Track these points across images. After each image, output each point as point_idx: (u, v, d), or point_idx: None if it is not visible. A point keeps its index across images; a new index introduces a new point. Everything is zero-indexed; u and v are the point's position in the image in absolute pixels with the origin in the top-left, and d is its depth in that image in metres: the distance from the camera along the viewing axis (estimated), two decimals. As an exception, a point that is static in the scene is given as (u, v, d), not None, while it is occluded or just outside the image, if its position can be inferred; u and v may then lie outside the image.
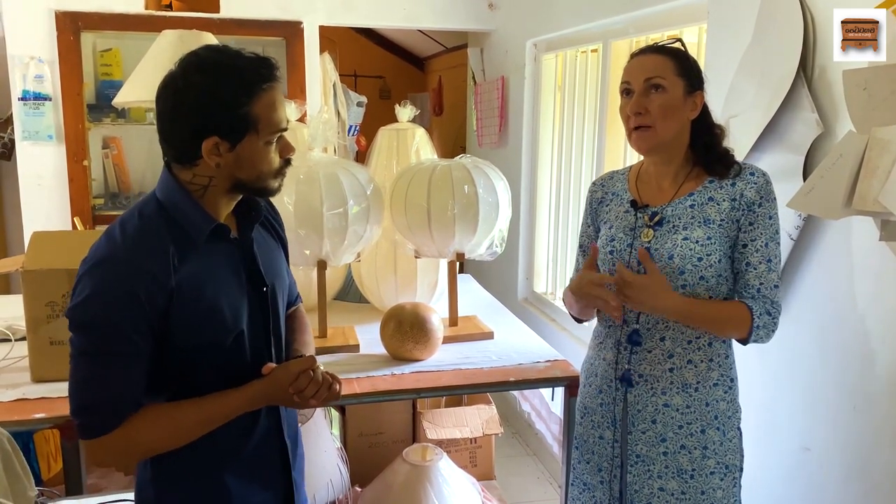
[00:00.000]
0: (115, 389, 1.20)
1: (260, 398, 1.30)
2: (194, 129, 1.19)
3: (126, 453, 1.23)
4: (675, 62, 1.52)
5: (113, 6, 3.52)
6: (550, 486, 3.32)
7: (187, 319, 1.22)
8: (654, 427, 1.56)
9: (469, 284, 2.92)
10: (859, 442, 1.66)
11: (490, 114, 4.15)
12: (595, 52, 3.15)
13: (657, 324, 1.55)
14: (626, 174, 1.70)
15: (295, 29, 3.76)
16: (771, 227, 1.52)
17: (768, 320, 1.50)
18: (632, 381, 1.58)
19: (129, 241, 1.20)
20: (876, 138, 1.40)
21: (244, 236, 1.33)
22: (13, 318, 2.14)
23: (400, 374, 1.96)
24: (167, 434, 1.24)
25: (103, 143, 3.86)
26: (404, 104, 2.41)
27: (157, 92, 1.22)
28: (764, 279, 1.51)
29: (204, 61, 1.20)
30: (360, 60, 6.57)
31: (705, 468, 1.55)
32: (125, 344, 1.18)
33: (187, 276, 1.21)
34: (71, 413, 1.21)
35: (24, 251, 1.97)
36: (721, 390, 1.56)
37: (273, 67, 1.23)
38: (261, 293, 1.33)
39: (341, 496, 2.51)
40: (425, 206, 2.12)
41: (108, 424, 1.19)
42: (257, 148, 1.22)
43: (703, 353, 1.55)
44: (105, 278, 1.17)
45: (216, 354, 1.27)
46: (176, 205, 1.24)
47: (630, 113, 1.53)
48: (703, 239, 1.51)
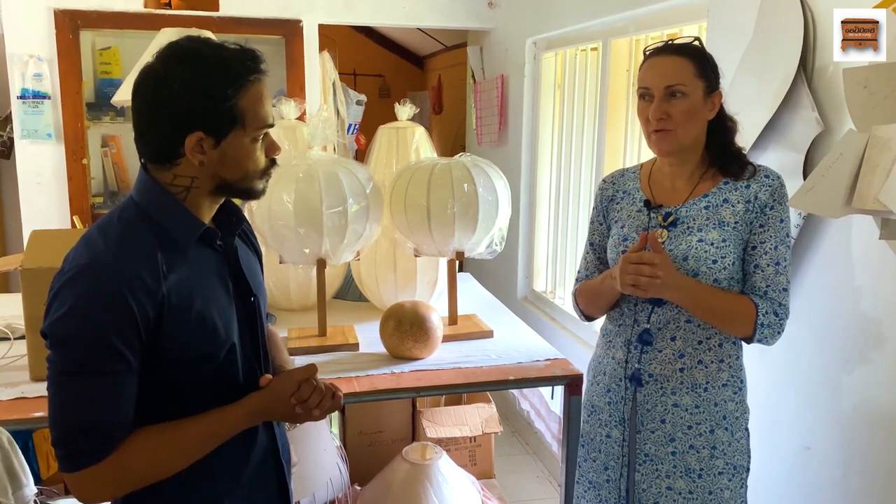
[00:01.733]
0: (106, 411, 1.07)
1: (259, 412, 1.21)
2: (176, 124, 1.09)
3: (119, 483, 1.11)
4: (694, 63, 1.49)
5: (112, 4, 3.51)
6: (550, 484, 3.32)
7: (177, 331, 1.11)
8: (664, 427, 1.56)
9: (469, 283, 2.92)
10: (859, 441, 1.66)
11: (490, 112, 4.15)
12: (595, 50, 3.15)
13: (668, 323, 1.55)
14: (637, 172, 1.68)
15: (294, 27, 3.76)
16: (782, 230, 1.51)
17: (774, 321, 1.49)
18: (641, 380, 1.57)
19: (112, 246, 1.09)
20: (876, 137, 1.40)
21: (227, 244, 1.24)
22: (12, 316, 2.13)
23: (399, 373, 1.96)
24: (163, 458, 1.13)
25: (102, 142, 3.86)
26: (404, 103, 2.41)
27: (134, 86, 1.12)
28: (772, 281, 1.50)
29: (186, 51, 1.11)
30: (360, 59, 6.57)
31: (713, 468, 1.55)
32: (114, 359, 1.06)
33: (176, 284, 1.11)
34: (54, 443, 1.08)
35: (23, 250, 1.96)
36: (731, 391, 1.56)
37: (259, 59, 1.14)
38: (248, 304, 1.26)
39: (341, 495, 2.51)
40: (425, 205, 2.11)
41: (100, 452, 1.07)
42: (243, 145, 1.14)
43: (713, 354, 1.55)
44: (89, 285, 1.05)
45: (208, 370, 1.17)
46: (159, 208, 1.14)
47: (652, 119, 1.50)
48: (718, 241, 1.50)
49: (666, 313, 1.55)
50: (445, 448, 2.64)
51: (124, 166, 3.90)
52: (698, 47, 1.53)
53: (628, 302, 1.60)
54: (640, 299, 1.57)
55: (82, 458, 1.07)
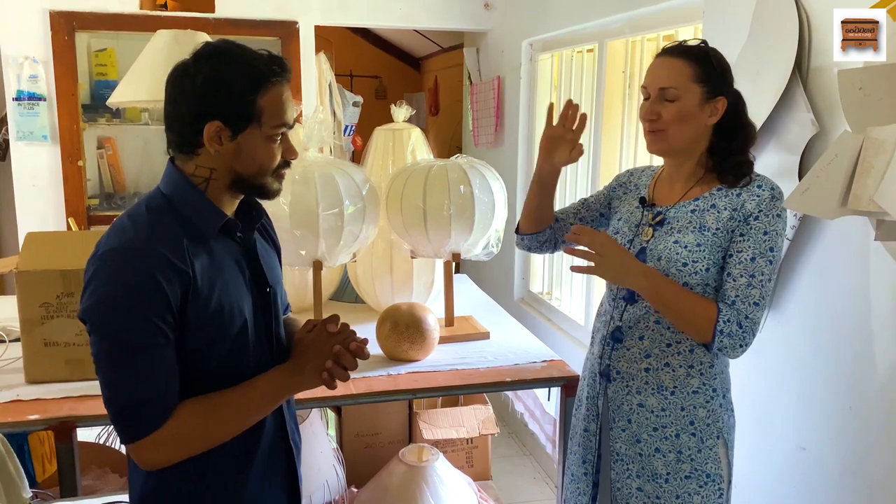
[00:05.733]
0: (154, 383, 1.15)
1: (297, 370, 1.27)
2: (197, 113, 1.17)
3: (177, 448, 1.18)
4: (694, 67, 1.48)
5: (107, 6, 3.51)
6: (546, 485, 3.32)
7: (199, 315, 1.18)
8: (630, 426, 1.58)
9: (465, 284, 2.92)
10: (854, 441, 1.66)
11: (486, 114, 4.15)
12: (591, 52, 3.15)
13: (638, 322, 1.56)
14: (655, 171, 1.70)
15: (290, 29, 3.76)
16: (764, 242, 1.46)
17: (736, 331, 1.44)
18: (610, 376, 1.60)
19: (142, 231, 1.16)
20: (871, 138, 1.40)
21: (247, 236, 1.31)
22: (7, 319, 2.13)
23: (396, 375, 1.95)
24: (213, 421, 1.20)
25: (98, 144, 3.85)
26: (400, 104, 2.41)
27: (167, 79, 1.21)
28: (742, 293, 1.45)
29: (216, 50, 1.20)
30: (356, 60, 6.57)
31: (680, 472, 1.54)
32: (153, 332, 1.13)
33: (200, 269, 1.18)
34: (113, 419, 1.16)
35: (19, 252, 1.96)
36: (702, 398, 1.53)
37: (285, 67, 1.22)
38: (264, 294, 1.31)
39: (337, 497, 2.51)
40: (421, 207, 2.11)
41: (155, 421, 1.15)
42: (259, 141, 1.21)
43: (682, 359, 1.53)
44: (123, 266, 1.13)
45: (220, 356, 1.23)
46: (184, 198, 1.22)
47: (642, 119, 1.54)
48: (692, 245, 1.50)
49: (636, 312, 1.56)
50: (442, 450, 2.64)
51: (120, 168, 3.89)
52: (704, 51, 1.51)
53: (609, 298, 1.64)
54: (619, 296, 1.59)
55: (140, 429, 1.15)
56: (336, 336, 1.29)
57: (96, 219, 3.64)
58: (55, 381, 1.82)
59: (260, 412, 1.26)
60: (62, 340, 1.84)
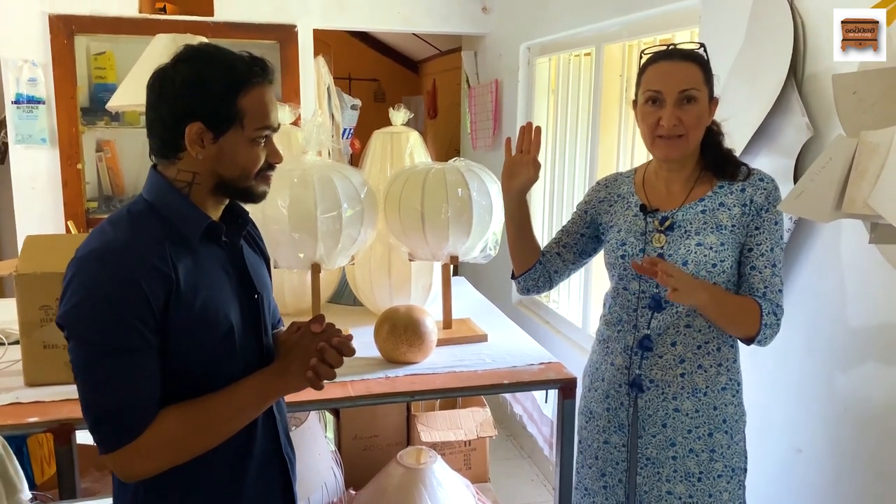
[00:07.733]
0: (134, 389, 1.10)
1: (281, 371, 1.23)
2: (178, 115, 1.15)
3: (158, 457, 1.14)
4: (702, 70, 1.51)
5: (107, 9, 3.51)
6: (545, 488, 3.33)
7: (183, 321, 1.14)
8: (665, 431, 1.57)
9: (463, 287, 2.92)
10: (850, 443, 1.67)
11: (484, 117, 4.16)
12: (588, 55, 3.16)
13: (668, 329, 1.55)
14: (631, 177, 1.69)
15: (289, 32, 3.77)
16: (776, 232, 1.53)
17: (774, 321, 1.51)
18: (643, 386, 1.58)
19: (122, 233, 1.14)
20: (865, 142, 1.41)
21: (233, 242, 1.28)
22: (6, 321, 2.13)
23: (394, 377, 1.96)
24: (196, 428, 1.15)
25: (97, 147, 3.85)
26: (398, 107, 2.41)
27: (147, 84, 1.19)
28: (769, 283, 1.52)
29: (196, 52, 1.18)
30: (355, 63, 6.57)
31: (713, 471, 1.56)
32: (133, 337, 1.09)
33: (183, 272, 1.15)
34: (91, 428, 1.12)
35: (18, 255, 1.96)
36: (729, 394, 1.57)
37: (267, 68, 1.20)
38: (252, 301, 1.28)
39: (336, 499, 2.51)
40: (419, 210, 2.12)
41: (135, 429, 1.10)
42: (241, 144, 1.18)
43: (712, 358, 1.56)
44: (103, 269, 1.09)
45: (204, 362, 1.19)
46: (166, 202, 1.19)
47: (667, 125, 1.49)
48: (716, 245, 1.51)
49: (666, 319, 1.55)
50: (440, 452, 2.64)
51: (119, 171, 3.89)
52: (704, 55, 1.54)
53: (627, 308, 1.61)
54: (641, 305, 1.57)
55: (121, 437, 1.11)
56: (321, 335, 1.25)
57: (95, 222, 3.64)
58: (54, 384, 1.82)
59: (246, 416, 1.22)
60: (61, 343, 1.83)
